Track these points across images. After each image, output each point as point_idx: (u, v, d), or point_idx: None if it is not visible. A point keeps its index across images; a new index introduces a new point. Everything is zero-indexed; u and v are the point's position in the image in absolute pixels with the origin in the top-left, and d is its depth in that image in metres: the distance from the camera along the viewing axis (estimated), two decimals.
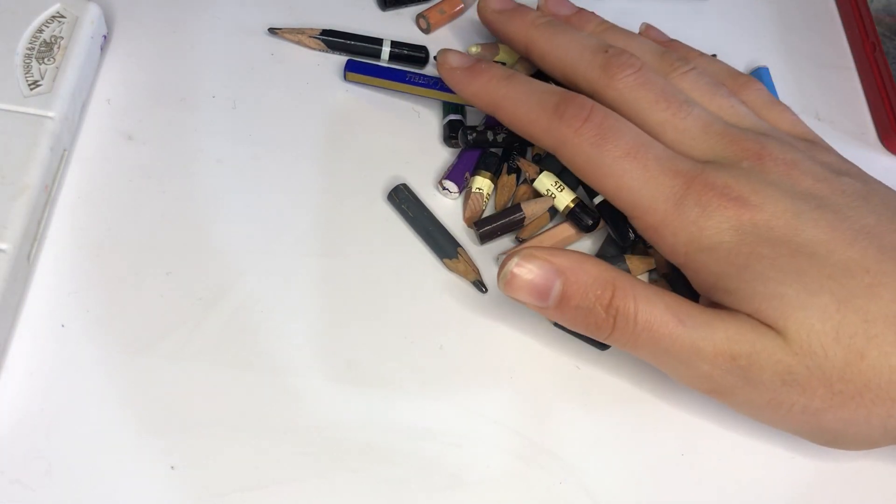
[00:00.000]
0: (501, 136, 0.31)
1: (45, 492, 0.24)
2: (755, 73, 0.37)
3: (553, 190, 0.29)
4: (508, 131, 0.30)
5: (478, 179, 0.30)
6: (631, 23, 0.38)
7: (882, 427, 0.23)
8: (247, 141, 0.31)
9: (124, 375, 0.26)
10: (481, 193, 0.30)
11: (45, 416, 0.25)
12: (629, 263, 0.29)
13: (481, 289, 0.29)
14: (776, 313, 0.23)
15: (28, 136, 0.27)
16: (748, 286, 0.24)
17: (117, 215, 0.29)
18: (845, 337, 0.23)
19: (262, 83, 0.33)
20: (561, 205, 0.29)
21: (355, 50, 0.34)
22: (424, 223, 0.30)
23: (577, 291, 0.24)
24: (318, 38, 0.34)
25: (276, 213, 0.30)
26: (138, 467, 0.24)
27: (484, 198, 0.30)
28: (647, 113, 0.27)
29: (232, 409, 0.26)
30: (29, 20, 0.30)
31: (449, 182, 0.30)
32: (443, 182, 0.30)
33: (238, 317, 0.27)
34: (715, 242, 0.24)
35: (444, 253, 0.29)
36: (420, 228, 0.30)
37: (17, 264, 0.26)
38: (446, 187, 0.31)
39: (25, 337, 0.26)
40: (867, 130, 0.37)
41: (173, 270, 0.28)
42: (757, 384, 0.23)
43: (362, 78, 0.33)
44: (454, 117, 0.32)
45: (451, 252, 0.29)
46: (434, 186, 0.31)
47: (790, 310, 0.23)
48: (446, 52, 0.30)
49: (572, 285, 0.24)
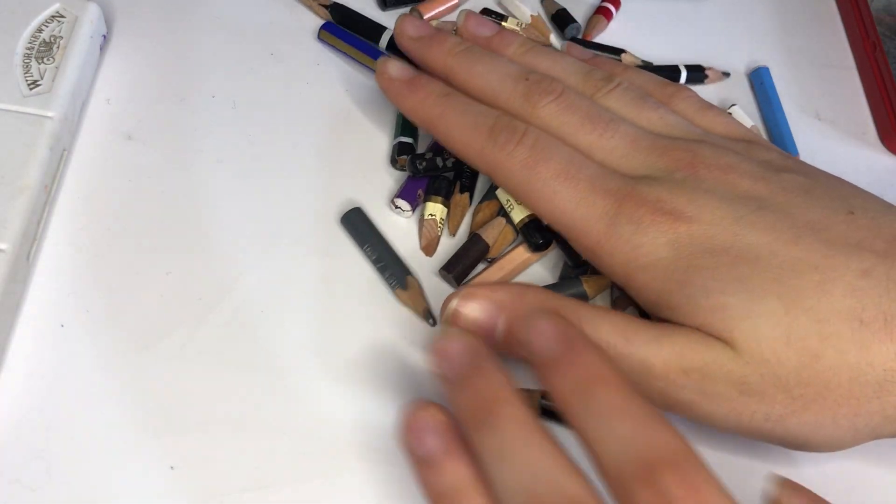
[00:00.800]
0: (451, 161, 0.30)
1: (45, 492, 0.24)
2: (755, 74, 0.37)
3: (513, 202, 0.29)
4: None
5: (430, 206, 0.30)
6: (632, 23, 0.38)
7: (851, 427, 0.23)
8: (247, 141, 0.31)
9: (124, 375, 0.26)
10: (434, 219, 0.29)
11: (45, 416, 0.25)
12: (586, 286, 0.28)
13: (428, 321, 0.28)
14: (722, 325, 0.22)
15: (27, 136, 0.27)
16: (690, 301, 0.23)
17: (117, 215, 0.29)
18: (797, 340, 0.22)
19: (262, 83, 0.33)
20: (516, 219, 0.29)
21: (357, 29, 0.34)
22: (381, 250, 0.29)
23: (521, 324, 0.22)
24: (327, 9, 0.35)
25: (276, 213, 0.30)
26: (138, 467, 0.24)
27: (438, 223, 0.29)
28: (573, 137, 0.27)
29: (232, 409, 0.26)
30: (28, 20, 0.30)
31: (401, 200, 0.30)
32: (395, 200, 0.30)
33: (238, 317, 0.27)
34: (652, 260, 0.24)
35: (396, 283, 0.28)
36: (375, 255, 0.29)
37: (17, 264, 0.26)
38: (398, 206, 0.30)
39: (25, 337, 0.26)
40: (867, 130, 0.37)
41: (173, 270, 0.28)
42: (714, 397, 0.23)
43: (335, 41, 0.33)
44: (404, 140, 0.31)
45: (402, 283, 0.28)
46: (387, 205, 0.31)
47: (736, 320, 0.22)
48: (387, 61, 0.29)
49: (516, 319, 0.23)
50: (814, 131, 0.36)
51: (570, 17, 0.37)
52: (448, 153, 0.30)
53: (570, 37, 0.37)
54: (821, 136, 0.35)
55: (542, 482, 0.19)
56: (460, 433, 0.21)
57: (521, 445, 0.19)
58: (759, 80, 0.37)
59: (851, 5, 0.40)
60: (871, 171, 0.28)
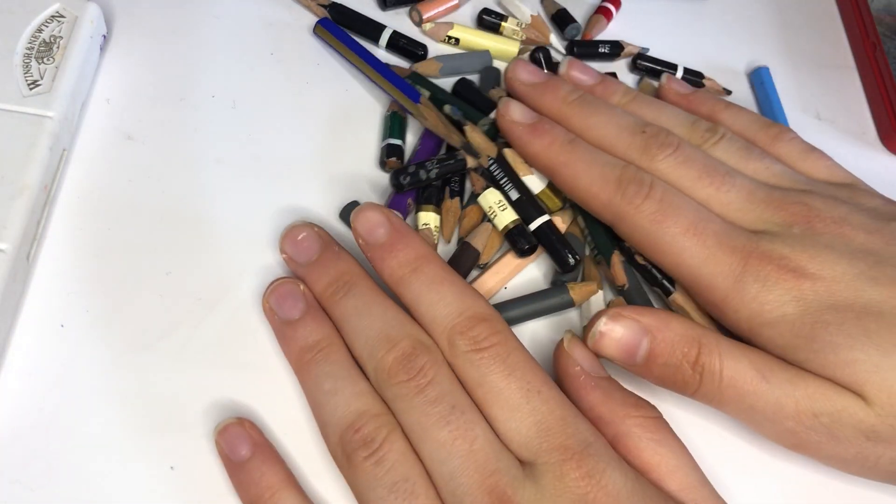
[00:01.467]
0: (434, 171, 0.29)
1: (45, 492, 0.24)
2: (755, 73, 0.37)
3: (495, 209, 0.29)
4: (440, 165, 0.30)
5: (422, 215, 0.29)
6: (633, 23, 0.38)
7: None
8: (247, 141, 0.31)
9: (124, 375, 0.26)
10: (429, 228, 0.29)
11: (45, 416, 0.25)
12: (572, 293, 0.28)
13: None
14: (852, 378, 0.23)
15: (27, 136, 0.27)
16: (818, 356, 0.24)
17: (117, 215, 0.29)
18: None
19: (261, 83, 0.33)
20: (500, 225, 0.29)
21: (356, 28, 0.34)
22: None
23: (665, 350, 0.24)
24: (325, 8, 0.35)
25: (276, 213, 0.30)
26: (138, 467, 0.24)
27: (433, 232, 0.29)
28: (691, 190, 0.27)
29: (232, 409, 0.26)
30: (28, 20, 0.30)
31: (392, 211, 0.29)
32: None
33: (238, 317, 0.27)
34: (777, 316, 0.24)
35: None
36: None
37: (17, 264, 0.26)
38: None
39: (25, 337, 0.26)
40: (867, 130, 0.37)
41: (173, 270, 0.28)
42: (841, 440, 0.24)
43: (329, 37, 0.33)
44: (393, 142, 0.31)
45: None
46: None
47: (866, 374, 0.23)
48: (509, 103, 0.30)
49: (659, 344, 0.24)
50: (814, 131, 0.36)
51: (570, 17, 0.37)
52: (431, 163, 0.30)
53: (570, 37, 0.37)
54: (821, 136, 0.35)
55: (393, 327, 0.24)
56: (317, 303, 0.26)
57: (375, 304, 0.25)
58: (759, 80, 0.37)
59: (851, 5, 0.40)
60: (871, 171, 0.29)
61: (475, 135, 0.30)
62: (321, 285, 0.26)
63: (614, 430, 0.24)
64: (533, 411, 0.23)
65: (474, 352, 0.23)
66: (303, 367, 0.25)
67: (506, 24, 0.36)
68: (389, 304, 0.25)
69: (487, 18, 0.36)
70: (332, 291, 0.26)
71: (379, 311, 0.25)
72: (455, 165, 0.30)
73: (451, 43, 0.35)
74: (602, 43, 0.36)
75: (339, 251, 0.27)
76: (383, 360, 0.24)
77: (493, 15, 0.36)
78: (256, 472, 0.23)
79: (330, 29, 0.33)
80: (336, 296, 0.25)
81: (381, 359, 0.24)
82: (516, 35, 0.36)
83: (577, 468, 0.21)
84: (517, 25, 0.36)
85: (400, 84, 0.31)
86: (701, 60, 0.37)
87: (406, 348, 0.24)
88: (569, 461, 0.22)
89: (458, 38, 0.35)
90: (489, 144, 0.30)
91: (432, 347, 0.24)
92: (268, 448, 0.24)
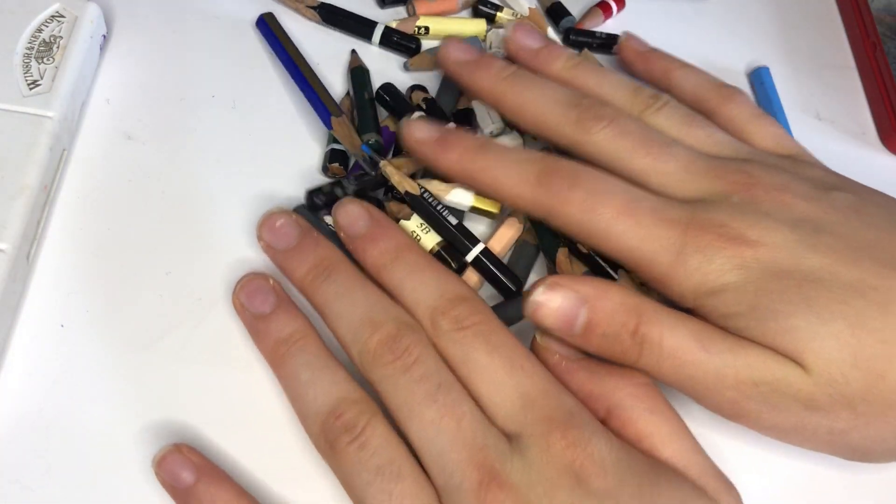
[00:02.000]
0: (353, 187, 0.29)
1: (45, 492, 0.24)
2: (755, 74, 0.37)
3: (418, 232, 0.29)
4: (358, 180, 0.29)
5: None
6: (632, 22, 0.38)
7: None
8: (247, 141, 0.31)
9: (124, 375, 0.26)
10: None
11: (45, 416, 0.25)
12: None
13: None
14: (791, 346, 0.23)
15: (27, 136, 0.27)
16: (760, 324, 0.24)
17: (117, 215, 0.29)
18: (863, 360, 0.23)
19: (261, 83, 0.33)
20: (426, 247, 0.28)
21: (348, 27, 0.34)
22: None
23: (603, 319, 0.24)
24: (314, 10, 0.34)
25: None
26: (138, 467, 0.24)
27: None
28: (627, 162, 0.27)
29: (232, 409, 0.26)
30: (28, 20, 0.30)
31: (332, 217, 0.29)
32: (325, 217, 0.29)
33: (238, 317, 0.27)
34: (720, 285, 0.24)
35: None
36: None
37: (17, 264, 0.26)
38: (330, 223, 0.29)
39: (25, 337, 0.26)
40: (867, 130, 0.37)
41: (173, 270, 0.28)
42: (781, 409, 0.23)
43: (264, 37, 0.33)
44: (336, 147, 0.30)
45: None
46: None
47: (804, 342, 0.23)
48: (410, 124, 0.28)
49: (598, 313, 0.24)
50: (814, 131, 0.36)
51: (565, 10, 0.37)
52: (349, 179, 0.29)
53: (564, 29, 0.37)
54: (821, 136, 0.35)
55: (376, 310, 0.24)
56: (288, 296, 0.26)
57: (357, 288, 0.25)
58: (759, 80, 0.37)
59: (851, 5, 0.40)
60: (871, 171, 0.28)
61: (392, 173, 0.29)
62: (301, 272, 0.26)
63: (606, 403, 0.24)
64: (517, 385, 0.23)
65: (457, 330, 0.24)
66: (278, 360, 0.25)
67: (501, 15, 0.36)
68: (371, 287, 0.25)
69: (483, 9, 0.36)
70: (312, 277, 0.26)
71: (361, 294, 0.25)
72: (374, 181, 0.29)
73: (422, 33, 0.35)
74: (598, 34, 0.36)
75: (318, 237, 0.27)
76: (368, 343, 0.24)
77: (488, 6, 0.36)
78: (206, 496, 0.23)
79: (264, 33, 0.33)
80: (317, 281, 0.25)
81: (365, 341, 0.24)
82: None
83: (563, 438, 0.22)
84: (512, 16, 0.36)
85: (314, 102, 0.31)
86: (701, 60, 0.37)
87: (391, 330, 0.24)
88: (554, 431, 0.22)
89: (428, 26, 0.35)
90: (408, 181, 0.29)
91: (416, 328, 0.24)
92: (212, 469, 0.23)
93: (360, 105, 0.32)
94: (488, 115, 0.32)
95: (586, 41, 0.36)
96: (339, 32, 0.35)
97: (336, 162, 0.30)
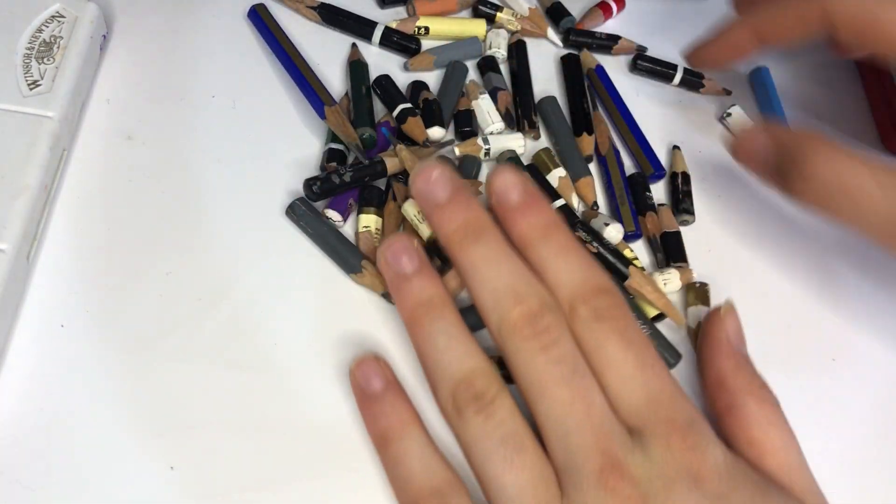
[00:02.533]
0: (349, 175, 0.29)
1: (45, 492, 0.24)
2: (755, 74, 0.37)
3: (418, 218, 0.29)
4: (354, 170, 0.29)
5: (363, 218, 0.29)
6: (633, 22, 0.38)
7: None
8: (246, 141, 0.31)
9: (124, 375, 0.26)
10: (369, 230, 0.29)
11: (45, 416, 0.25)
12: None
13: (390, 300, 0.28)
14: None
15: (27, 136, 0.27)
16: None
17: (117, 215, 0.29)
18: None
19: (261, 82, 0.33)
20: (424, 235, 0.29)
21: (348, 27, 0.34)
22: (326, 239, 0.29)
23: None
24: (314, 10, 0.34)
25: (276, 213, 0.30)
26: (138, 467, 0.24)
27: (372, 235, 0.29)
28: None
29: (232, 409, 0.26)
30: (29, 20, 0.30)
31: (331, 211, 0.29)
32: (325, 211, 0.29)
33: (238, 317, 0.27)
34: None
35: (349, 268, 0.28)
36: (322, 244, 0.29)
37: (17, 264, 0.26)
38: (329, 216, 0.29)
39: (25, 337, 0.26)
40: (867, 130, 0.37)
41: (173, 270, 0.28)
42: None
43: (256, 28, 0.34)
44: (334, 146, 0.31)
45: (355, 267, 0.28)
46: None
47: None
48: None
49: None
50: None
51: (565, 10, 0.37)
52: (344, 167, 0.29)
53: (564, 29, 0.37)
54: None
55: (521, 283, 0.24)
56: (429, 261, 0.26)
57: (505, 256, 0.25)
58: (759, 80, 0.37)
59: None
60: None
61: (404, 153, 0.30)
62: (449, 228, 0.25)
63: (730, 399, 0.25)
64: (645, 383, 0.24)
65: (595, 320, 0.24)
66: (416, 321, 0.25)
67: (501, 15, 0.36)
68: (518, 259, 0.25)
69: (483, 9, 0.36)
70: (461, 236, 0.25)
71: (508, 264, 0.25)
72: (371, 170, 0.29)
73: (422, 33, 0.35)
74: (598, 34, 0.36)
75: (470, 197, 0.26)
76: (510, 313, 0.24)
77: (488, 5, 0.36)
78: (388, 406, 0.25)
79: (256, 24, 0.33)
80: (465, 241, 0.25)
81: (507, 311, 0.24)
82: (511, 25, 0.36)
83: (683, 441, 0.23)
84: (512, 16, 0.36)
85: (307, 92, 0.31)
86: None
87: (534, 306, 0.24)
88: (675, 433, 0.23)
89: (428, 27, 0.35)
90: (417, 161, 0.29)
91: (557, 309, 0.24)
92: (399, 387, 0.25)
93: (356, 98, 0.32)
94: (489, 115, 0.32)
95: (586, 41, 0.36)
96: (339, 33, 0.35)
97: (333, 161, 0.30)
